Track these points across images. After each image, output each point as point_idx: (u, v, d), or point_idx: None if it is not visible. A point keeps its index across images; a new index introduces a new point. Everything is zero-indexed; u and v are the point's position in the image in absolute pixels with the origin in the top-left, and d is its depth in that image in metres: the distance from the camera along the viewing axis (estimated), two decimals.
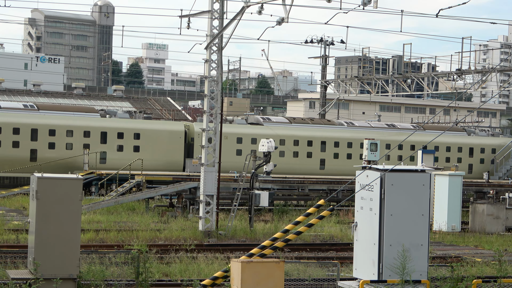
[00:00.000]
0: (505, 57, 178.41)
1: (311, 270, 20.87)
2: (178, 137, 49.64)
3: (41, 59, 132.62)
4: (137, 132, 49.06)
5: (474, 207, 35.62)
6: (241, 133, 50.81)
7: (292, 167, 51.35)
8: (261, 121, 53.97)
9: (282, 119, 56.61)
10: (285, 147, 52.37)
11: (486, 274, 20.72)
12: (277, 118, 57.44)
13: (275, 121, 55.03)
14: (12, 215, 34.25)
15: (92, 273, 17.81)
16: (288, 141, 52.60)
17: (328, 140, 52.87)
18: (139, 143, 48.91)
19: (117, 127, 48.74)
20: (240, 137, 50.98)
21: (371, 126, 57.95)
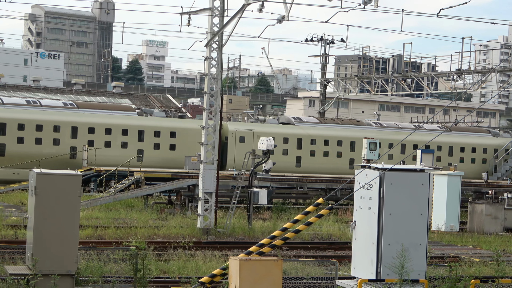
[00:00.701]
0: (505, 58, 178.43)
1: (309, 269, 20.87)
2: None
3: (41, 55, 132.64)
4: (173, 131, 49.85)
5: (473, 207, 35.63)
6: (273, 133, 51.38)
7: (323, 167, 52.13)
8: (292, 121, 54.82)
9: (313, 119, 57.38)
10: (316, 146, 53.22)
11: (484, 274, 20.74)
12: (308, 118, 58.26)
13: (306, 121, 55.80)
14: (11, 211, 34.25)
15: (90, 270, 17.81)
16: (319, 140, 53.43)
17: (358, 140, 53.40)
18: (175, 141, 49.60)
19: (154, 125, 49.40)
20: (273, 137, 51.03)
21: (398, 127, 59.09)
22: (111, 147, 47.78)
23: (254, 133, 50.40)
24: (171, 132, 49.66)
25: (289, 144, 52.30)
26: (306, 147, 52.98)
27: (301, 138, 52.51)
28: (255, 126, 52.34)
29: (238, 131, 50.49)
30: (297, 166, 52.32)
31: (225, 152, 50.18)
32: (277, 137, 50.86)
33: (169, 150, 49.33)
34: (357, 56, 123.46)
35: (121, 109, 52.14)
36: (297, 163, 52.57)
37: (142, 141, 48.87)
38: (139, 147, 48.71)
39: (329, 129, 54.62)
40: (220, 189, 34.29)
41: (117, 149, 47.93)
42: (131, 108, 52.80)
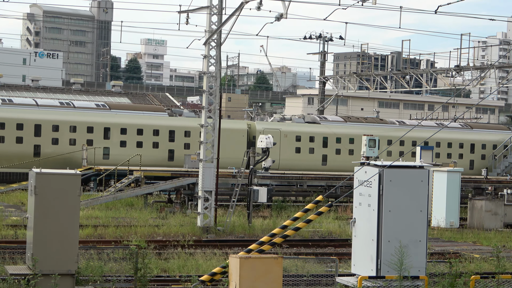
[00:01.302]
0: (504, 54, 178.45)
1: (309, 266, 20.89)
2: (241, 135, 51.31)
3: (40, 54, 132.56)
4: None
5: (473, 203, 35.65)
6: (300, 131, 52.51)
7: (348, 165, 52.94)
8: (318, 120, 55.62)
9: (338, 118, 58.32)
10: (341, 145, 54.05)
11: (484, 270, 20.75)
12: (333, 117, 59.11)
13: (331, 120, 56.61)
14: (11, 211, 34.25)
15: (90, 269, 17.82)
16: (344, 139, 54.16)
17: (382, 139, 53.64)
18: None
19: (184, 125, 50.01)
20: (299, 135, 52.64)
21: (421, 125, 59.20)
22: (143, 147, 48.35)
23: (281, 132, 51.46)
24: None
25: (315, 142, 53.15)
26: (332, 145, 53.98)
27: (326, 137, 53.38)
28: (282, 125, 53.30)
29: (266, 130, 51.06)
30: (323, 164, 53.32)
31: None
32: (303, 136, 52.44)
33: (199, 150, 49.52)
34: (355, 53, 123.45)
35: (152, 110, 52.89)
36: (323, 161, 53.58)
37: (173, 141, 49.48)
38: (170, 147, 49.49)
39: (353, 128, 55.48)
40: (220, 187, 34.30)
41: (149, 149, 48.71)
42: (161, 108, 53.55)
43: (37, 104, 48.34)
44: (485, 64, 62.30)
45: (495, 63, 57.40)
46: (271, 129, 51.45)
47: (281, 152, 51.32)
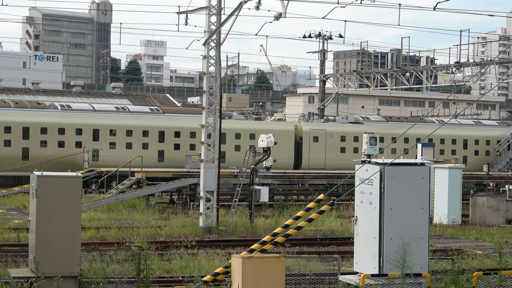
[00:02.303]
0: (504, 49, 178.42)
1: (312, 265, 20.89)
2: (288, 136, 52.37)
3: (40, 57, 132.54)
4: (252, 133, 51.28)
5: (475, 199, 35.62)
6: (344, 132, 54.07)
7: None
8: (361, 120, 57.31)
9: (380, 118, 59.92)
10: (384, 144, 54.97)
11: (487, 266, 20.74)
12: (375, 117, 60.63)
13: (373, 120, 58.36)
14: (13, 214, 34.25)
15: (93, 271, 17.82)
16: (387, 138, 55.01)
17: (422, 137, 55.44)
18: (254, 143, 50.69)
19: (234, 128, 51.15)
20: (344, 135, 54.04)
21: (460, 124, 61.74)
22: (195, 149, 49.12)
23: (326, 133, 52.82)
24: (250, 134, 51.35)
25: (359, 142, 53.92)
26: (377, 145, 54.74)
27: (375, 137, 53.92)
28: (327, 126, 54.59)
29: (312, 131, 52.76)
30: None
31: (300, 152, 52.88)
32: (348, 136, 54.06)
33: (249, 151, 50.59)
34: (355, 51, 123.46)
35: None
36: None
37: (224, 143, 49.90)
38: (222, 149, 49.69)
39: (395, 127, 56.77)
40: (222, 188, 34.30)
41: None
42: None
43: (95, 110, 49.89)
44: (485, 60, 62.23)
45: (495, 59, 57.37)
46: (317, 129, 53.02)
47: (326, 152, 52.71)
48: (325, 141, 52.47)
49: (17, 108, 48.39)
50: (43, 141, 46.40)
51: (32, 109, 48.61)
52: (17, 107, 48.63)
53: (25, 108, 48.67)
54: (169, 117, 50.83)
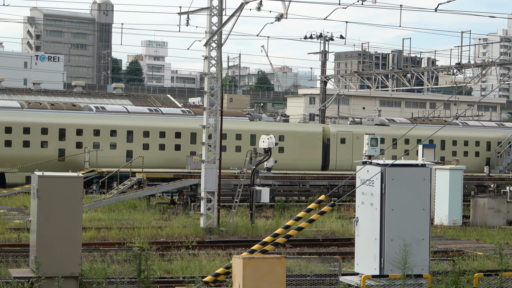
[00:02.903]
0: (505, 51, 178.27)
1: (312, 266, 20.89)
2: (316, 138, 53.47)
3: (41, 57, 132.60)
4: (282, 134, 52.37)
5: (475, 201, 35.61)
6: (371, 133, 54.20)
7: None
8: (387, 122, 58.69)
9: (405, 120, 61.67)
10: (410, 146, 56.61)
11: (488, 267, 20.73)
12: (401, 119, 62.21)
13: (399, 122, 59.60)
14: (14, 214, 34.26)
15: (94, 271, 17.82)
16: (412, 140, 56.42)
17: (447, 139, 57.36)
18: (283, 144, 52.26)
19: (264, 129, 51.62)
20: None
21: (483, 126, 63.02)
22: (227, 151, 50.00)
23: (353, 135, 54.02)
24: (279, 136, 52.05)
25: (385, 144, 55.11)
26: (401, 146, 56.35)
27: (395, 138, 55.53)
28: (354, 127, 55.89)
29: (339, 133, 54.00)
30: None
31: (328, 153, 54.10)
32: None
33: (277, 153, 51.72)
34: (356, 53, 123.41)
35: (234, 115, 55.83)
36: None
37: (254, 145, 51.15)
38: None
39: (420, 129, 57.41)
40: (222, 188, 34.29)
41: (232, 152, 50.74)
42: (242, 114, 56.70)
43: (128, 111, 51.16)
44: (486, 61, 62.20)
45: (496, 60, 57.36)
46: (344, 131, 54.22)
47: (353, 153, 53.78)
48: (352, 142, 53.70)
49: (54, 109, 49.34)
50: (79, 142, 47.46)
51: (68, 111, 49.62)
52: (53, 108, 49.58)
53: (61, 109, 49.60)
54: (200, 118, 51.16)
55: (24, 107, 48.96)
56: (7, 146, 46.17)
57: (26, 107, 48.87)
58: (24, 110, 48.39)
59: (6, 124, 46.24)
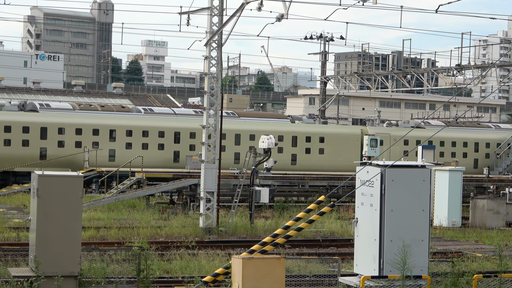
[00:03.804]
0: (505, 52, 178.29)
1: (312, 266, 20.90)
2: (355, 139, 54.48)
3: (41, 56, 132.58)
4: (322, 136, 53.52)
5: (475, 202, 35.62)
6: (407, 136, 55.97)
7: None
8: (422, 124, 59.88)
9: (440, 123, 63.09)
10: (445, 148, 58.32)
11: (487, 269, 20.74)
12: (435, 122, 63.68)
13: (434, 124, 60.97)
14: (13, 213, 34.26)
15: (93, 271, 17.84)
16: (447, 142, 58.04)
17: (481, 142, 58.60)
18: (323, 146, 53.32)
19: (305, 131, 53.26)
20: (407, 139, 56.53)
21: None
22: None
23: (390, 137, 55.27)
24: (320, 138, 53.30)
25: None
26: (436, 148, 57.10)
27: (431, 141, 56.47)
28: (391, 130, 57.08)
29: (377, 135, 54.24)
30: None
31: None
32: (410, 140, 56.39)
33: (318, 154, 53.02)
34: (356, 53, 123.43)
35: (276, 117, 57.80)
36: None
37: (295, 146, 52.59)
38: (293, 152, 52.74)
39: (455, 132, 59.22)
40: (222, 188, 34.29)
41: (274, 154, 51.50)
42: (284, 116, 58.37)
43: (175, 113, 52.62)
44: (486, 63, 62.30)
45: (496, 62, 57.36)
46: (381, 133, 55.08)
47: (390, 155, 54.69)
48: (389, 144, 54.76)
49: (104, 111, 50.39)
50: (128, 143, 48.42)
51: (118, 113, 50.78)
52: (103, 110, 50.65)
53: (111, 111, 50.76)
54: (244, 120, 53.56)
55: (76, 108, 49.99)
56: (60, 147, 47.05)
57: (78, 109, 49.88)
58: (76, 111, 49.35)
59: (60, 125, 47.17)
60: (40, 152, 46.33)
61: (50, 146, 46.54)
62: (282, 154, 51.76)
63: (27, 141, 46.16)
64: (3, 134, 45.68)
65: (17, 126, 46.14)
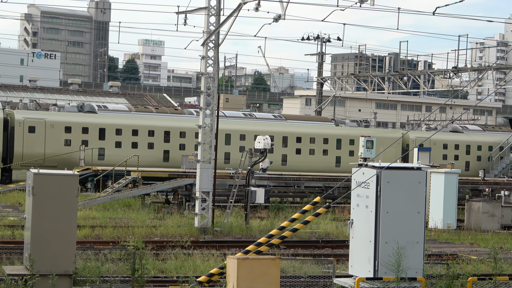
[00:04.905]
0: (501, 55, 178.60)
1: (307, 267, 20.89)
2: (396, 143, 56.19)
3: (37, 54, 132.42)
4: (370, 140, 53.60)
5: (470, 204, 35.64)
6: (447, 140, 59.01)
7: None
8: (460, 129, 61.88)
9: (477, 128, 64.31)
10: (481, 152, 60.02)
11: (482, 271, 20.75)
12: (473, 127, 64.85)
13: (471, 129, 62.69)
14: (8, 211, 34.21)
15: (88, 269, 17.81)
16: (484, 147, 59.96)
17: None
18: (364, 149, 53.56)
19: (348, 134, 54.97)
20: (446, 143, 58.79)
21: None
22: (315, 154, 53.48)
23: (431, 141, 56.44)
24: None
25: (459, 150, 58.63)
26: (474, 153, 59.66)
27: (469, 145, 58.89)
28: (430, 134, 57.64)
29: (418, 139, 57.57)
30: (466, 170, 58.88)
31: (406, 158, 56.54)
32: (449, 144, 58.66)
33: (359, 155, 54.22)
34: (353, 55, 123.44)
35: (320, 120, 59.43)
36: (466, 167, 59.16)
37: (340, 149, 54.34)
38: (337, 154, 54.44)
39: (492, 136, 61.03)
40: (218, 188, 34.27)
41: (319, 156, 53.79)
42: (328, 119, 60.12)
43: (225, 116, 54.09)
44: (483, 65, 62.35)
45: (493, 65, 57.41)
46: (422, 137, 57.15)
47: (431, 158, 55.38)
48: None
49: (159, 113, 51.80)
50: (182, 144, 49.92)
51: (172, 115, 52.22)
52: (158, 112, 52.12)
53: (165, 113, 52.21)
54: (291, 123, 55.13)
55: (132, 110, 51.56)
56: (117, 147, 48.53)
57: (134, 111, 51.40)
58: (132, 113, 50.85)
59: (117, 126, 48.70)
60: (98, 152, 47.90)
61: (108, 147, 48.19)
62: (327, 156, 53.94)
63: (86, 141, 47.58)
64: (64, 135, 47.20)
65: (77, 126, 47.64)
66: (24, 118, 46.47)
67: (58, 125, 47.07)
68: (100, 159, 47.58)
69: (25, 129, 46.32)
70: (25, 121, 46.40)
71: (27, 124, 46.45)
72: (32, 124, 46.55)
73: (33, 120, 46.66)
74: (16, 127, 46.25)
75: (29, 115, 46.91)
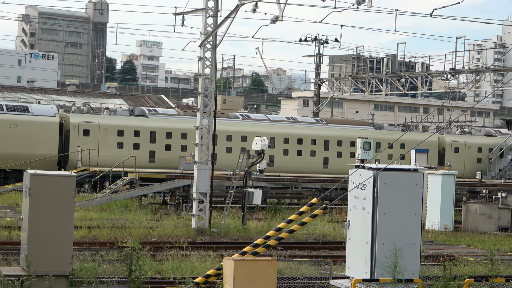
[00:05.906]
0: (499, 57, 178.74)
1: (303, 269, 20.89)
2: (433, 146, 57.73)
3: (35, 55, 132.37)
4: (403, 143, 56.78)
5: (467, 206, 35.65)
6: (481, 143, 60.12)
7: None
8: (494, 133, 63.08)
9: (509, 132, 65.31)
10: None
11: (478, 273, 20.77)
12: (505, 131, 65.98)
13: (504, 133, 63.67)
14: (5, 212, 34.20)
15: (84, 270, 17.80)
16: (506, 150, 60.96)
17: None
18: (404, 151, 55.93)
19: (387, 138, 56.01)
20: (480, 147, 59.97)
21: None
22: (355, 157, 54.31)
23: (465, 144, 58.70)
24: (401, 144, 56.39)
25: (493, 153, 59.98)
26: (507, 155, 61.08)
27: (502, 148, 59.99)
28: (466, 138, 60.64)
29: (453, 143, 58.91)
30: None
31: (443, 160, 58.21)
32: (483, 147, 59.94)
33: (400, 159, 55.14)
34: (351, 56, 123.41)
35: (360, 124, 61.36)
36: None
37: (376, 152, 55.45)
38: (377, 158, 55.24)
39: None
40: (215, 190, 34.27)
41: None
42: (367, 123, 61.74)
43: (270, 119, 56.21)
44: (480, 67, 62.38)
45: (490, 66, 57.49)
46: (457, 141, 58.70)
47: (465, 162, 58.63)
48: (464, 152, 58.49)
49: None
50: (228, 147, 51.23)
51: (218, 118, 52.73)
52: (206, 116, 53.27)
53: None
54: (331, 127, 56.75)
55: (181, 114, 53.18)
56: (167, 150, 49.64)
57: (183, 115, 52.88)
58: (181, 117, 52.14)
59: (167, 129, 49.94)
60: (149, 155, 49.01)
61: (159, 149, 49.43)
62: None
63: (138, 144, 48.77)
64: (117, 138, 48.34)
65: (129, 130, 48.81)
66: (79, 122, 47.41)
67: (111, 129, 48.13)
68: (150, 161, 48.87)
69: (80, 132, 47.27)
70: (80, 124, 47.33)
71: (82, 127, 47.38)
72: (87, 128, 47.51)
73: (88, 123, 47.63)
74: (71, 131, 47.13)
75: (84, 118, 47.90)
